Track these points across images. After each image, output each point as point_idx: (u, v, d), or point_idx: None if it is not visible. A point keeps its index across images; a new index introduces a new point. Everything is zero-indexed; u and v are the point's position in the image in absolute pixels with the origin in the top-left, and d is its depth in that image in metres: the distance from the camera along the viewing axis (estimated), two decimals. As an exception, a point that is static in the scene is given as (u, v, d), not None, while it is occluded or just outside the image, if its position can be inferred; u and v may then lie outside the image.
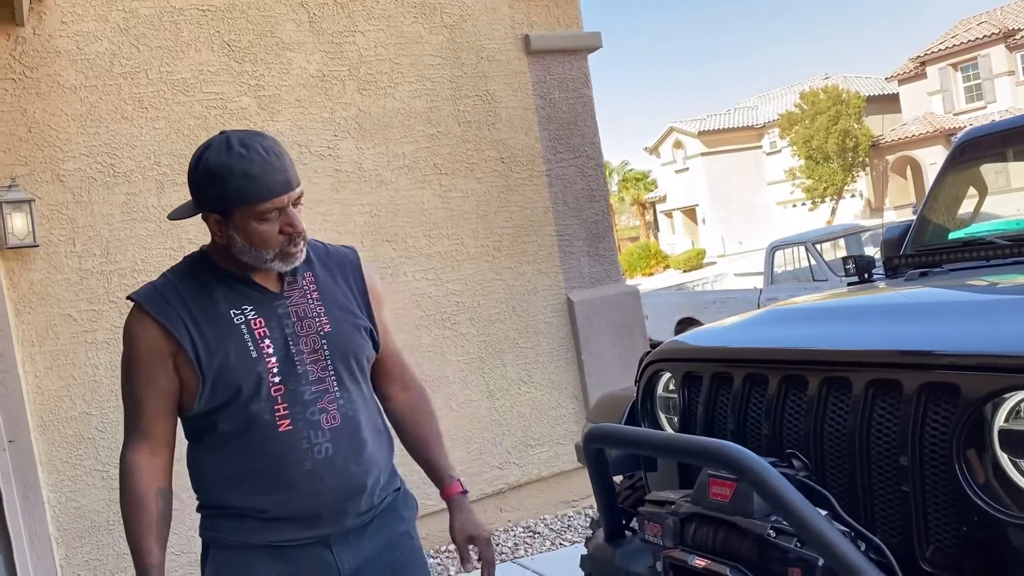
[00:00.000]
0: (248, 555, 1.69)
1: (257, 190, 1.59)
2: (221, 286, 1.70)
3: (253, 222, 1.62)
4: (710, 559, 1.75)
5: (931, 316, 2.03)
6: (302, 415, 1.67)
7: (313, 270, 1.78)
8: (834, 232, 11.18)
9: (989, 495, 1.60)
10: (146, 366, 1.66)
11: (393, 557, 1.79)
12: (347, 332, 1.75)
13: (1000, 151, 3.43)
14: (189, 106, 4.18)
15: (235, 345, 1.65)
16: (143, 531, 1.66)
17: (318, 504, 1.68)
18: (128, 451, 1.70)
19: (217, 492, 1.71)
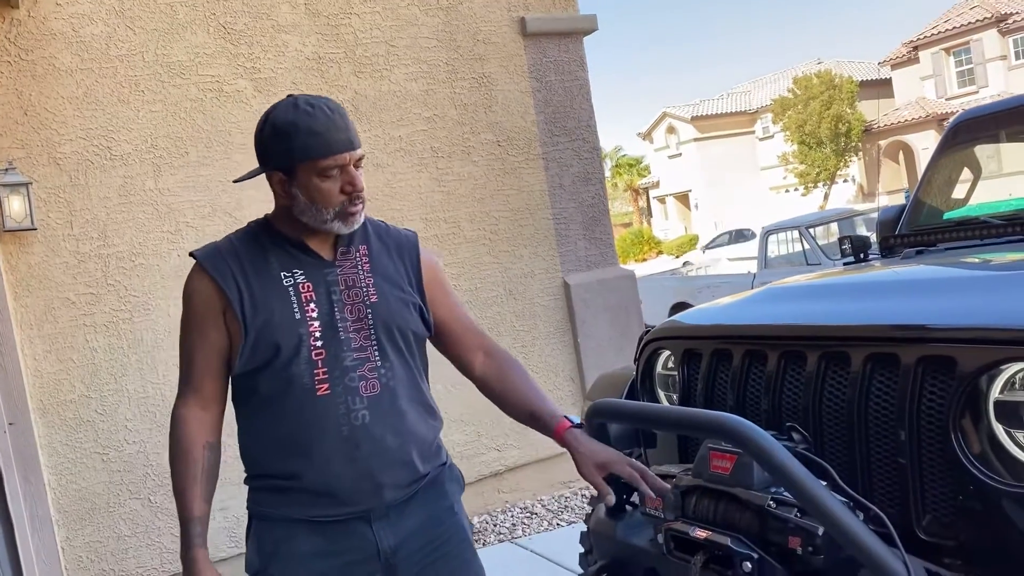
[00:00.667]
0: (291, 528, 1.71)
1: (320, 146, 1.65)
2: (276, 249, 1.75)
3: (315, 178, 1.67)
4: (711, 530, 1.78)
5: (927, 292, 2.05)
6: (341, 380, 1.69)
7: (369, 244, 1.83)
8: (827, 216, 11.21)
9: (984, 465, 1.63)
10: (199, 321, 1.72)
11: (436, 533, 1.80)
12: (393, 305, 1.78)
13: (994, 132, 3.45)
14: (185, 89, 4.18)
15: (280, 305, 1.69)
16: (189, 483, 1.68)
17: (354, 473, 1.69)
18: (179, 404, 1.75)
19: (259, 459, 1.74)
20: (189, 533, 1.66)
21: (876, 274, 2.48)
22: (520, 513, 4.85)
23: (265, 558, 1.73)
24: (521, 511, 4.89)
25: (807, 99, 30.65)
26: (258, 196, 4.29)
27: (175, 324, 4.17)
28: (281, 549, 1.72)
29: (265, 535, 1.74)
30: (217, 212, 4.22)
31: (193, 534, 1.66)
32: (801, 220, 10.73)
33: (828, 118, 29.94)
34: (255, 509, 1.77)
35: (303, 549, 1.71)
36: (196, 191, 4.18)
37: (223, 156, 4.24)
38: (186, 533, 1.67)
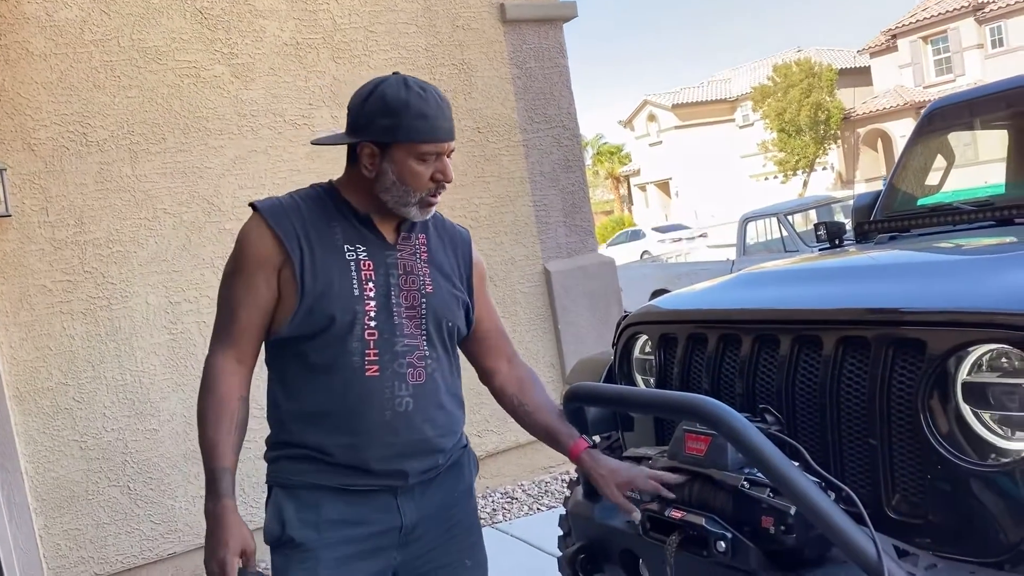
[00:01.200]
0: (315, 495, 1.70)
1: (427, 130, 1.66)
2: (342, 219, 1.73)
3: (411, 161, 1.67)
4: (686, 511, 1.80)
5: (899, 276, 2.09)
6: (390, 365, 1.69)
7: (428, 234, 1.83)
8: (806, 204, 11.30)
9: (952, 445, 1.67)
10: (251, 273, 1.68)
11: (451, 514, 1.82)
12: (446, 299, 1.79)
13: (968, 120, 3.50)
14: (162, 74, 4.14)
15: (340, 276, 1.68)
16: (223, 433, 1.64)
17: (387, 456, 1.69)
18: (215, 356, 1.70)
19: (292, 428, 1.71)
20: (221, 483, 1.62)
21: (849, 259, 2.51)
22: (501, 498, 4.89)
23: (285, 525, 1.70)
24: (502, 496, 4.92)
25: (787, 87, 30.79)
26: (236, 182, 4.28)
27: (154, 312, 4.16)
28: (303, 516, 1.69)
29: (287, 502, 1.71)
30: (195, 199, 4.19)
31: (224, 485, 1.62)
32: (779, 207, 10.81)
33: (807, 106, 30.10)
34: (277, 478, 1.74)
35: (326, 516, 1.69)
36: (174, 178, 4.15)
37: (201, 142, 4.22)
38: (217, 483, 1.62)
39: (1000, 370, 1.67)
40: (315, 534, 1.69)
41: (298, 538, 1.69)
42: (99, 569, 3.94)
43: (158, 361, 4.08)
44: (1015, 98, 3.20)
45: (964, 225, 2.77)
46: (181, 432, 4.10)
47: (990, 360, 1.68)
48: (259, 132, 4.36)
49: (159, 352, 4.09)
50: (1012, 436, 1.64)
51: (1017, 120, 3.29)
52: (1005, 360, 1.66)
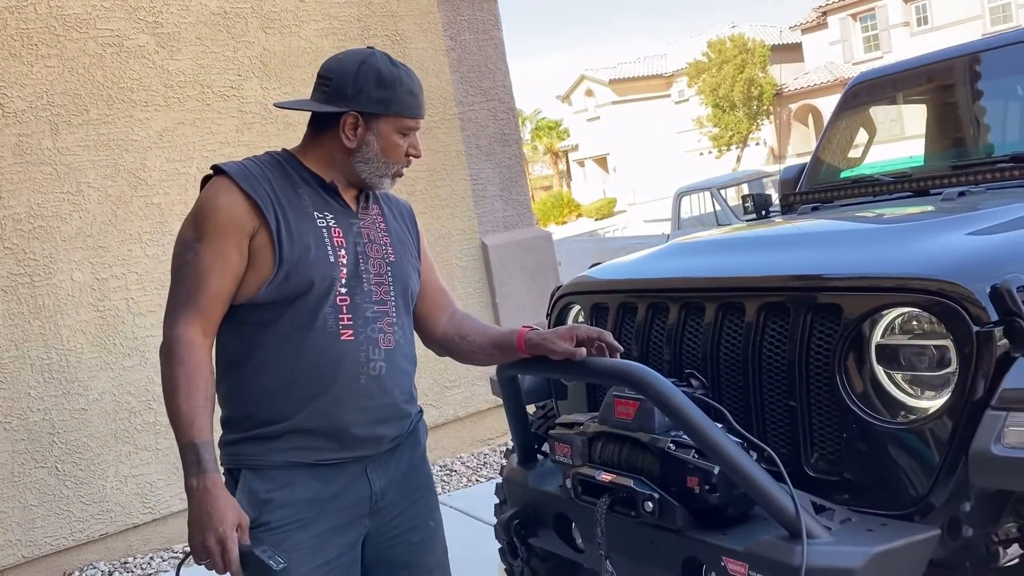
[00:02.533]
0: (289, 474, 1.67)
1: (415, 106, 1.74)
2: (307, 187, 1.73)
3: (395, 134, 1.73)
4: (616, 473, 1.85)
5: (817, 244, 2.17)
6: (364, 330, 1.71)
7: (380, 207, 1.87)
8: (738, 178, 11.54)
9: (866, 404, 1.75)
10: (220, 239, 1.62)
11: (413, 478, 1.85)
12: (407, 267, 1.84)
13: (890, 95, 3.61)
14: (83, 43, 4.00)
15: (316, 243, 1.68)
16: (199, 407, 1.58)
17: (362, 421, 1.70)
18: (181, 326, 1.61)
19: (259, 403, 1.67)
20: (203, 458, 1.55)
21: (771, 229, 2.59)
22: (440, 471, 4.91)
23: (259, 506, 1.65)
24: (441, 469, 4.94)
25: (721, 63, 31.19)
26: (163, 155, 4.17)
27: (80, 289, 4.05)
28: (278, 496, 1.66)
29: (258, 484, 1.67)
30: (120, 172, 4.08)
31: (206, 459, 1.56)
32: (712, 182, 11.02)
33: (741, 82, 30.56)
34: (243, 461, 1.69)
35: (303, 495, 1.68)
36: (98, 150, 4.03)
37: (125, 114, 4.09)
38: (199, 458, 1.55)
39: (911, 332, 1.75)
40: (290, 515, 1.67)
41: (273, 521, 1.66)
42: (27, 552, 3.85)
43: (85, 339, 3.98)
44: (934, 73, 3.31)
45: (884, 196, 2.88)
46: (111, 411, 4.02)
47: (902, 323, 1.76)
48: (186, 103, 4.25)
49: (86, 330, 3.98)
50: (921, 395, 1.73)
51: (936, 94, 3.41)
52: (916, 323, 1.75)
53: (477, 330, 1.95)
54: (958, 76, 3.18)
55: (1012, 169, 2.55)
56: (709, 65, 31.68)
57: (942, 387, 1.68)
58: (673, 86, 36.73)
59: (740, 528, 1.74)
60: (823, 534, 1.60)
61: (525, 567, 2.62)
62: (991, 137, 3.09)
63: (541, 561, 2.58)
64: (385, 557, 1.81)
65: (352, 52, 1.76)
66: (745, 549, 1.65)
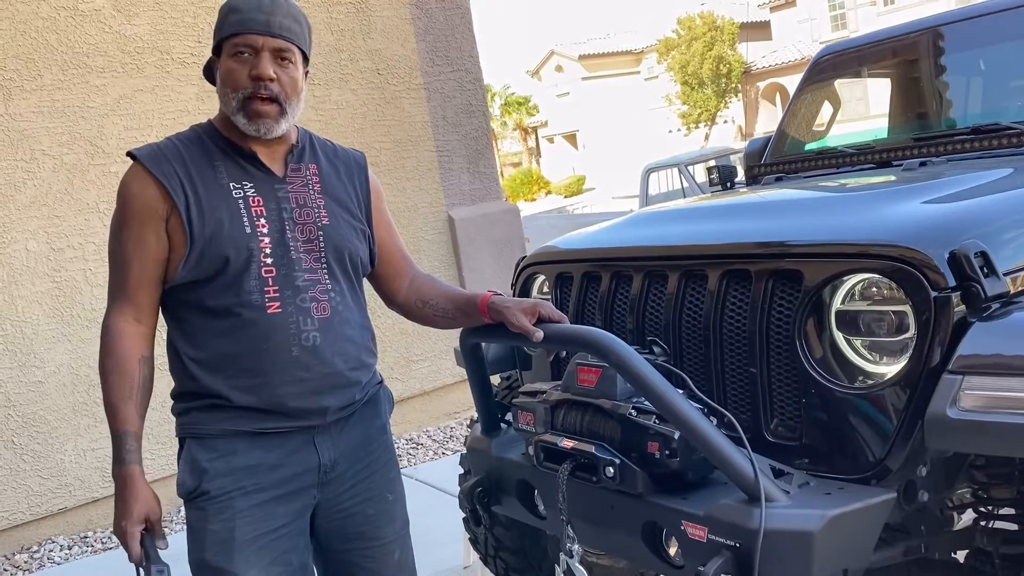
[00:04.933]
0: (230, 442, 1.66)
1: (235, 22, 1.63)
2: (225, 158, 1.68)
3: (229, 59, 1.64)
4: (578, 440, 1.85)
5: (779, 212, 2.17)
6: (292, 300, 1.65)
7: (318, 163, 1.78)
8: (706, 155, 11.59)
9: (825, 370, 1.76)
10: (137, 226, 1.62)
11: (368, 451, 1.81)
12: (344, 230, 1.75)
13: (854, 68, 3.62)
14: (35, 6, 3.88)
15: (229, 216, 1.63)
16: (124, 397, 1.61)
17: (301, 392, 1.66)
18: (112, 316, 1.65)
19: (199, 377, 1.65)
20: (124, 448, 1.59)
21: (734, 199, 2.59)
22: (406, 444, 4.91)
23: (200, 475, 1.65)
24: (407, 442, 4.94)
25: (690, 40, 31.20)
26: (121, 123, 4.08)
27: (34, 258, 3.97)
28: (218, 465, 1.65)
29: (200, 453, 1.66)
30: (76, 140, 3.98)
31: (128, 449, 1.59)
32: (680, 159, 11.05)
33: (710, 59, 30.62)
34: (188, 430, 1.69)
35: (242, 463, 1.66)
36: (52, 117, 3.92)
37: (81, 80, 3.99)
38: (121, 448, 1.59)
39: (871, 298, 1.77)
40: (231, 483, 1.65)
41: (213, 489, 1.65)
42: (-16, 527, 3.79)
43: (41, 311, 3.90)
44: (898, 47, 3.33)
45: (847, 168, 2.89)
46: (68, 384, 3.95)
47: (862, 289, 1.77)
48: (145, 70, 4.16)
49: (42, 301, 3.90)
50: (880, 361, 1.75)
51: (899, 68, 3.43)
52: (875, 289, 1.76)
53: (439, 292, 1.91)
54: (921, 50, 3.20)
55: (972, 140, 2.57)
56: (678, 42, 31.69)
57: (900, 353, 1.70)
58: (643, 63, 36.70)
59: (700, 492, 1.74)
60: (781, 497, 1.61)
61: (489, 535, 2.63)
62: (953, 111, 3.11)
63: (504, 529, 2.58)
64: (338, 528, 1.79)
65: None
66: (704, 513, 1.66)
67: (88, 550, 3.89)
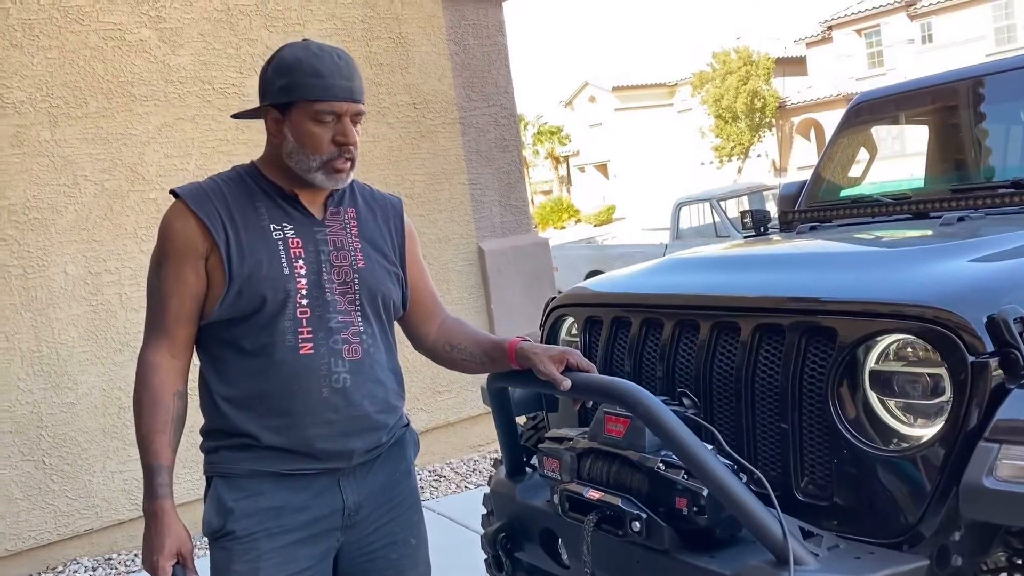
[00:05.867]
0: (258, 483, 1.67)
1: (319, 88, 1.62)
2: (266, 199, 1.70)
3: (308, 122, 1.64)
4: (604, 491, 1.84)
5: (814, 266, 2.15)
6: (325, 342, 1.67)
7: (357, 207, 1.80)
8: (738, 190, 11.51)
9: (858, 431, 1.73)
10: (177, 263, 1.65)
11: (392, 495, 1.81)
12: (379, 273, 1.77)
13: (892, 115, 3.60)
14: (84, 35, 3.98)
15: (268, 257, 1.65)
16: (157, 430, 1.62)
17: (329, 435, 1.67)
18: (148, 350, 1.67)
19: (229, 415, 1.67)
20: (155, 482, 1.61)
21: (769, 248, 2.58)
22: (429, 476, 4.89)
23: (225, 515, 1.66)
24: (430, 474, 4.92)
25: (725, 73, 31.21)
26: (161, 151, 4.15)
27: (72, 282, 4.03)
28: (244, 505, 1.66)
29: (226, 492, 1.67)
30: (118, 166, 4.06)
31: (159, 483, 1.60)
32: (712, 193, 10.99)
33: (744, 93, 30.58)
34: (216, 468, 1.70)
35: (267, 504, 1.66)
36: (95, 144, 4.01)
37: (125, 108, 4.08)
38: (152, 482, 1.61)
39: (906, 359, 1.74)
40: (256, 524, 1.66)
41: (238, 530, 1.65)
42: (11, 545, 3.82)
43: (77, 333, 3.96)
44: (937, 94, 3.31)
45: (883, 217, 2.86)
46: (99, 406, 3.99)
47: (897, 349, 1.75)
48: (187, 100, 4.24)
49: (78, 324, 3.96)
50: (914, 423, 1.72)
51: (938, 116, 3.41)
52: (911, 350, 1.73)
53: (467, 337, 1.91)
54: (961, 99, 3.17)
55: (1012, 195, 2.54)
56: (713, 75, 31.71)
57: (935, 416, 1.67)
58: (676, 95, 36.74)
59: (727, 551, 1.72)
60: (810, 560, 1.59)
61: (510, 580, 2.61)
62: (992, 161, 3.08)
63: (527, 575, 2.56)
64: (361, 572, 1.78)
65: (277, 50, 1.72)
66: (732, 573, 1.63)
67: (112, 572, 3.91)
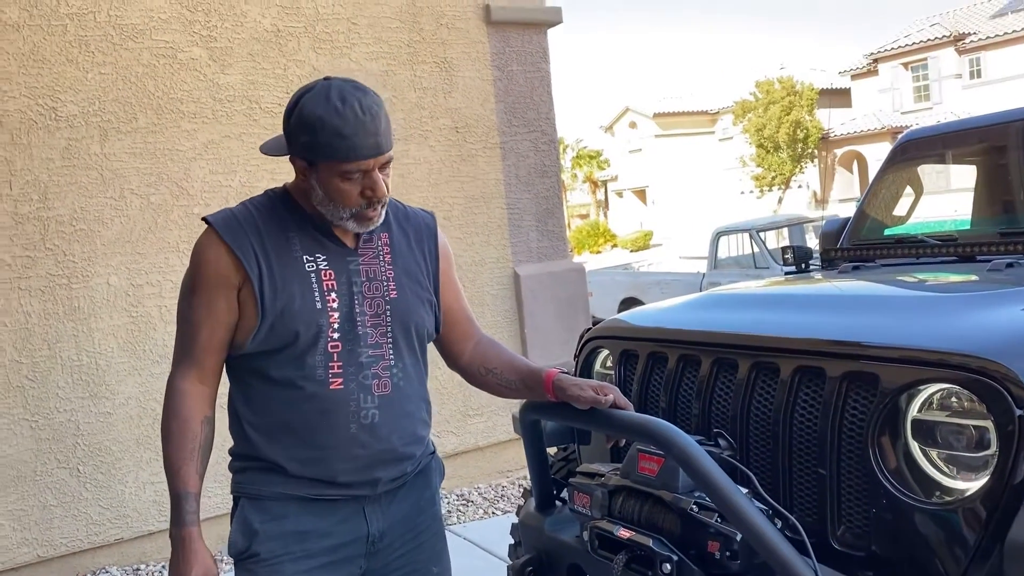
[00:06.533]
0: (283, 506, 1.67)
1: (344, 149, 1.56)
2: (299, 230, 1.67)
3: (335, 179, 1.59)
4: (635, 530, 1.81)
5: (857, 308, 2.11)
6: (355, 377, 1.65)
7: (390, 232, 1.76)
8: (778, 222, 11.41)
9: (899, 481, 1.69)
10: (209, 292, 1.63)
11: (416, 522, 1.80)
12: (412, 303, 1.74)
13: (939, 153, 3.55)
14: (137, 53, 4.08)
15: (301, 291, 1.63)
16: (185, 457, 1.62)
17: (355, 468, 1.66)
18: (177, 377, 1.66)
19: (256, 441, 1.67)
20: (183, 509, 1.60)
21: (811, 288, 2.53)
22: (456, 500, 4.87)
23: (250, 537, 1.66)
24: (457, 498, 4.90)
25: (768, 103, 31.06)
26: (207, 167, 4.22)
27: (115, 293, 4.10)
28: (269, 528, 1.66)
29: (253, 514, 1.67)
30: (164, 181, 4.13)
31: (187, 511, 1.60)
32: (752, 223, 10.89)
33: (787, 123, 30.39)
34: (243, 489, 1.70)
35: (293, 528, 1.66)
36: (143, 158, 4.09)
37: (173, 124, 4.16)
38: (179, 509, 1.61)
39: (950, 409, 1.69)
40: (280, 547, 1.66)
41: (263, 552, 1.65)
42: (43, 552, 3.87)
43: (116, 344, 4.02)
44: (987, 134, 3.25)
45: (928, 259, 2.81)
46: (135, 416, 4.04)
47: (941, 399, 1.70)
48: (234, 118, 4.31)
49: (118, 334, 4.03)
50: (958, 476, 1.67)
51: (987, 157, 3.34)
52: (955, 400, 1.69)
53: (504, 362, 1.86)
54: (1012, 140, 3.11)
55: (1064, 241, 2.47)
56: (756, 105, 31.57)
57: (980, 469, 1.62)
58: (718, 123, 36.63)
59: (759, 598, 1.68)
60: (846, 614, 1.54)
61: (536, 613, 2.57)
62: (1043, 205, 3.01)
63: (552, 609, 2.53)
64: None
65: (302, 88, 1.64)
66: (764, 622, 1.59)
67: (139, 582, 3.94)
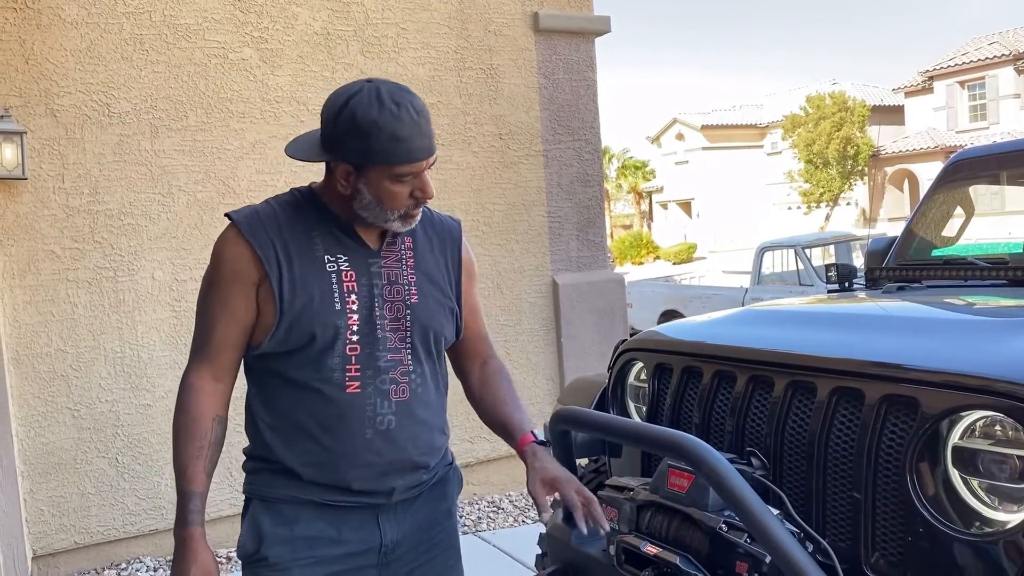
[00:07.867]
0: (295, 510, 1.64)
1: (402, 153, 1.54)
2: (321, 228, 1.65)
3: (387, 182, 1.57)
4: (662, 547, 1.78)
5: (900, 330, 2.05)
6: (372, 381, 1.63)
7: (414, 236, 1.74)
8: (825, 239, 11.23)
9: (937, 509, 1.64)
10: (227, 289, 1.61)
11: (431, 534, 1.77)
12: (433, 309, 1.71)
13: (993, 173, 3.46)
14: (190, 52, 4.15)
15: (321, 291, 1.61)
16: (193, 456, 1.60)
17: (370, 474, 1.64)
18: (191, 373, 1.64)
19: (270, 442, 1.65)
20: (187, 508, 1.58)
21: (853, 307, 2.48)
22: (487, 507, 4.86)
23: (260, 540, 1.64)
24: (488, 505, 4.89)
25: (818, 118, 30.63)
26: (253, 166, 4.28)
27: (159, 287, 4.17)
28: (280, 532, 1.64)
29: (264, 517, 1.65)
30: (211, 179, 4.20)
31: (191, 510, 1.58)
32: (798, 240, 10.73)
33: (837, 139, 29.93)
34: (255, 490, 1.68)
35: (304, 533, 1.64)
36: (192, 156, 4.16)
37: (222, 123, 4.22)
38: (184, 508, 1.58)
39: (993, 438, 1.64)
40: (289, 553, 1.63)
41: (272, 556, 1.63)
42: (79, 539, 3.95)
43: (158, 337, 4.09)
44: (1042, 156, 3.15)
45: (976, 282, 2.73)
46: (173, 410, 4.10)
47: (983, 427, 1.65)
48: (281, 119, 4.37)
49: (160, 328, 4.10)
50: (999, 506, 1.61)
51: (1042, 179, 3.25)
52: (999, 428, 1.63)
53: (493, 398, 1.82)
54: (1069, 162, 3.02)
55: (1121, 269, 2.39)
56: (806, 120, 31.15)
57: (1023, 501, 1.57)
58: (767, 137, 36.21)
59: (787, 623, 1.64)
60: (877, 644, 1.50)
61: (560, 625, 2.55)
62: (1100, 230, 2.91)
63: (577, 621, 2.50)
64: None
65: (342, 91, 1.60)
66: (791, 648, 1.55)
67: (171, 573, 3.99)
